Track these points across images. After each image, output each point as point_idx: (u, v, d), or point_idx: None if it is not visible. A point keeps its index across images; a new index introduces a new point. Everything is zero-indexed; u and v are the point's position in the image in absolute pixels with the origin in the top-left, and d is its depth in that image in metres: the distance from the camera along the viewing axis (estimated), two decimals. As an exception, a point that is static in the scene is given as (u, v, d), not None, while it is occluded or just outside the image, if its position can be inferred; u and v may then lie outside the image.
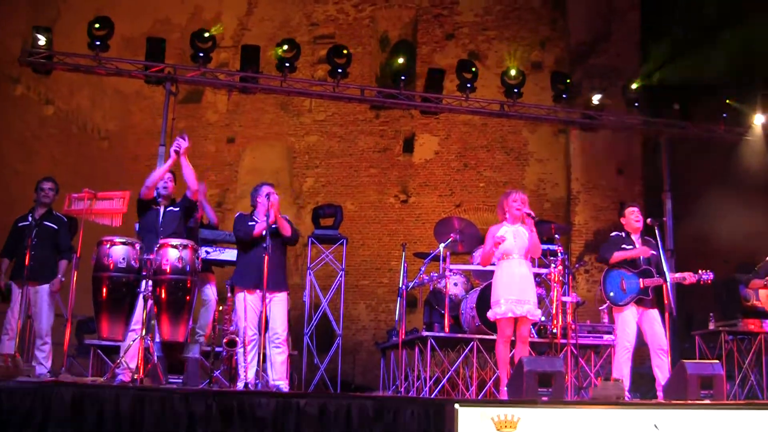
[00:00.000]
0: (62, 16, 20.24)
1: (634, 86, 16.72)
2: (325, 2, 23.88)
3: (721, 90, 17.11)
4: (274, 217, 10.11)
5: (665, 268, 10.58)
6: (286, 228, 10.33)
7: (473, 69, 16.14)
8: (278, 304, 10.21)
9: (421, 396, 12.26)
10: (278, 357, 10.13)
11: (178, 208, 10.38)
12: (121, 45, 16.49)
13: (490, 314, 10.28)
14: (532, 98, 17.54)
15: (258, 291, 9.96)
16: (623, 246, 10.97)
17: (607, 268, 10.87)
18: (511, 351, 10.36)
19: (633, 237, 10.98)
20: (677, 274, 10.84)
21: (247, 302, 10.11)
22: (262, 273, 9.87)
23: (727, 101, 16.86)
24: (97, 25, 14.69)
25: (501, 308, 10.03)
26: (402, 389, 13.45)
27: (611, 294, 10.78)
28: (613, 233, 11.32)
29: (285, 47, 15.48)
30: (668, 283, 10.52)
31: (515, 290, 10.06)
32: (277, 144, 23.23)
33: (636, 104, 16.58)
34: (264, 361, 10.20)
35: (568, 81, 16.44)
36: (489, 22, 23.12)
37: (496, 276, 10.32)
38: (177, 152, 10.24)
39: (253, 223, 10.37)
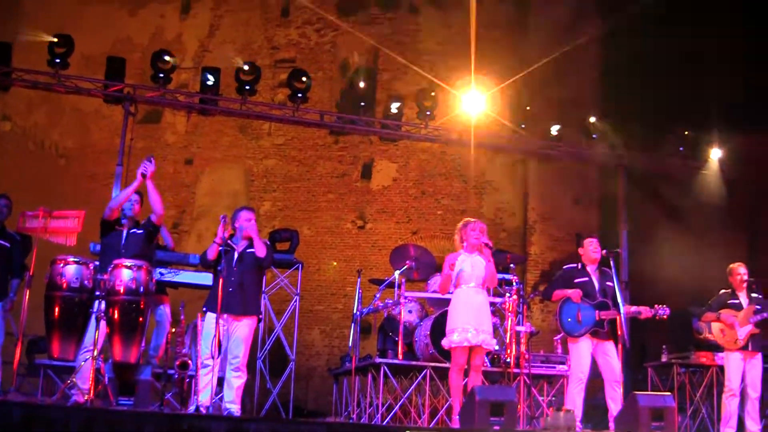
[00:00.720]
0: (21, 33, 20.10)
1: (592, 119, 16.80)
2: (287, 26, 23.88)
3: (679, 123, 17.25)
4: (252, 234, 10.12)
5: (620, 300, 10.64)
6: (260, 249, 10.28)
7: (433, 96, 16.18)
8: (244, 328, 10.14)
9: (373, 423, 12.23)
10: (235, 381, 10.07)
11: (141, 231, 10.34)
12: (81, 63, 16.42)
13: (445, 342, 10.28)
14: (492, 128, 17.61)
15: (225, 314, 9.92)
16: (575, 279, 10.99)
17: (564, 299, 10.88)
18: (464, 379, 10.37)
19: (589, 268, 11.01)
20: (633, 308, 10.87)
21: (211, 325, 10.05)
22: (228, 296, 9.85)
23: (684, 133, 17.00)
24: (57, 42, 14.62)
25: (456, 337, 10.03)
26: (354, 416, 13.41)
27: (567, 325, 10.80)
28: (567, 266, 11.35)
29: (246, 69, 15.48)
30: (622, 316, 10.55)
31: (472, 319, 10.06)
32: (235, 166, 23.16)
33: (594, 136, 16.66)
34: (219, 384, 10.17)
35: (526, 111, 16.52)
36: (450, 50, 23.18)
37: (452, 304, 10.33)
38: (144, 175, 10.23)
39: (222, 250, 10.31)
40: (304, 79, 15.71)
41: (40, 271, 9.79)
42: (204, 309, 10.28)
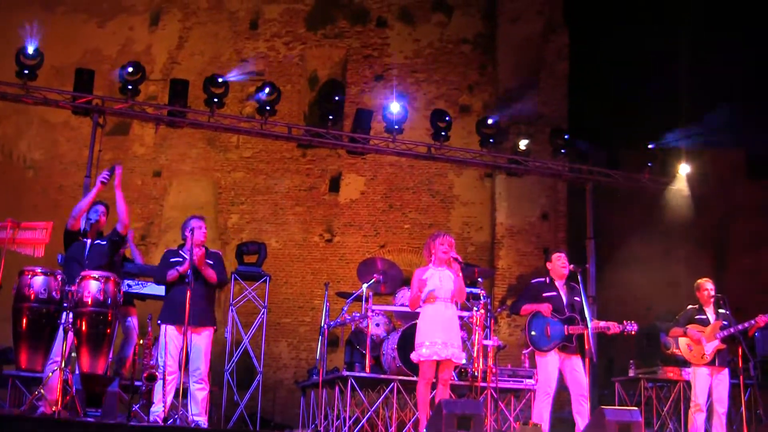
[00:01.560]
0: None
1: (561, 135, 16.87)
2: (256, 39, 23.94)
3: (647, 139, 17.35)
4: (198, 264, 10.07)
5: (587, 315, 10.66)
6: (210, 276, 10.28)
7: (401, 110, 16.21)
8: (202, 340, 10.13)
9: (340, 436, 12.24)
10: (198, 393, 10.06)
11: (105, 242, 10.33)
12: (50, 74, 16.40)
13: (413, 356, 10.28)
14: (459, 142, 17.71)
15: (181, 326, 9.91)
16: (543, 294, 11.01)
17: (533, 313, 10.91)
18: (431, 393, 10.38)
19: (557, 283, 11.02)
20: (601, 323, 10.87)
21: (169, 337, 10.05)
22: (182, 309, 9.84)
23: (652, 149, 17.08)
24: (26, 54, 14.56)
25: (425, 351, 10.04)
26: (322, 428, 13.40)
27: (535, 339, 10.82)
28: (534, 280, 11.36)
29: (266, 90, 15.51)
30: (590, 330, 10.58)
31: (440, 333, 10.06)
32: (203, 179, 23.16)
33: (562, 151, 16.73)
34: (184, 396, 10.15)
35: (494, 125, 16.57)
36: (418, 64, 23.31)
37: (421, 318, 10.32)
38: (103, 183, 10.23)
39: (176, 260, 10.29)
40: (272, 90, 15.70)
41: (7, 283, 9.75)
42: (158, 322, 10.28)
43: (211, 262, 10.33)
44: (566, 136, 16.90)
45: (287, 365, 21.49)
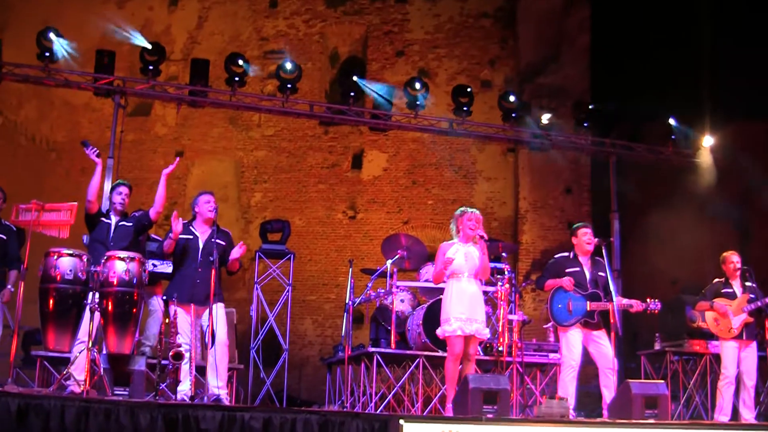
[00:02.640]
0: (10, 27, 20.08)
1: (583, 108, 16.77)
2: (276, 17, 23.87)
3: (670, 112, 17.22)
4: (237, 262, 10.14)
5: (612, 290, 10.61)
6: (234, 267, 10.34)
7: (423, 86, 16.15)
8: (218, 315, 10.09)
9: (366, 412, 12.25)
10: (220, 365, 10.05)
11: (131, 224, 10.37)
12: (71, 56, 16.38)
13: (439, 332, 10.28)
14: (481, 117, 17.65)
15: (191, 305, 9.94)
16: (566, 269, 10.95)
17: (555, 288, 10.87)
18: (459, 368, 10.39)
19: (581, 258, 10.96)
20: (624, 301, 10.79)
21: (179, 315, 10.05)
22: (199, 287, 9.89)
23: (676, 123, 16.93)
24: (46, 36, 14.58)
25: (451, 326, 10.04)
26: (348, 404, 13.43)
27: (557, 314, 10.79)
28: (558, 255, 11.31)
29: (239, 62, 15.45)
30: (615, 306, 10.53)
31: (465, 309, 10.06)
32: (225, 158, 23.17)
33: (585, 124, 16.63)
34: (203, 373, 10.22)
35: (517, 100, 16.49)
36: (439, 39, 23.21)
37: (446, 294, 10.32)
38: (98, 156, 10.37)
39: (185, 236, 10.26)
40: (293, 67, 15.67)
41: (34, 264, 9.79)
42: (163, 297, 10.31)
43: (224, 243, 10.31)
44: (590, 106, 16.82)
45: (312, 342, 21.52)
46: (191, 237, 10.24)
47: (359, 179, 22.61)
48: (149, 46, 15.31)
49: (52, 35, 14.64)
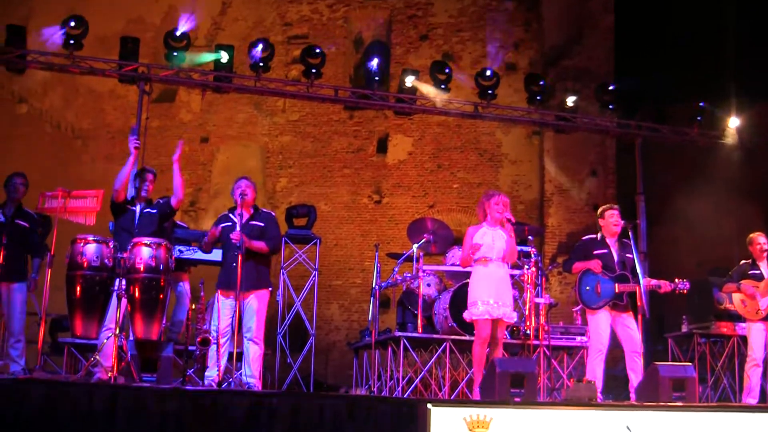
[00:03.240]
0: (35, 15, 20.14)
1: (608, 88, 16.67)
2: (299, 2, 23.83)
3: (696, 93, 17.10)
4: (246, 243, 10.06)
5: (639, 272, 10.58)
6: (260, 248, 10.26)
7: (447, 70, 16.11)
8: (253, 302, 10.12)
9: (393, 396, 12.27)
10: (250, 353, 10.08)
11: (156, 210, 10.40)
12: (95, 44, 16.39)
13: (466, 315, 10.29)
14: (506, 100, 17.58)
15: (231, 291, 9.96)
16: (594, 251, 10.91)
17: (583, 271, 10.83)
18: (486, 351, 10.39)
19: (608, 240, 10.92)
20: (653, 281, 10.76)
21: (221, 302, 10.11)
22: (234, 273, 9.88)
23: (701, 104, 16.80)
24: (71, 24, 14.61)
25: (478, 309, 10.05)
26: (375, 389, 13.45)
27: (585, 296, 10.75)
28: (585, 237, 11.28)
29: (259, 47, 15.43)
30: (642, 288, 10.50)
31: (492, 292, 10.07)
32: (250, 144, 23.17)
33: (610, 106, 16.54)
34: (239, 360, 10.24)
35: (542, 83, 16.42)
36: (463, 23, 23.13)
37: (473, 278, 10.33)
38: (137, 148, 10.39)
39: (226, 224, 10.30)
40: (318, 53, 15.66)
41: (60, 251, 9.83)
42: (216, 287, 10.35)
43: (262, 224, 10.32)
44: (611, 87, 16.71)
45: (339, 327, 21.54)
46: (230, 224, 10.27)
47: (384, 163, 22.58)
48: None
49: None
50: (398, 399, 10.07)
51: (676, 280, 10.77)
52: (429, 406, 7.49)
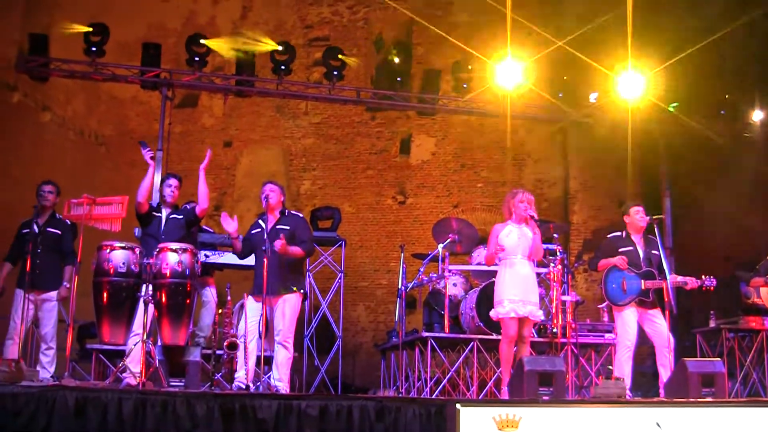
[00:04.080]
0: (57, 23, 20.20)
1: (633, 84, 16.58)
2: (319, 4, 23.84)
3: (720, 87, 17.00)
4: (281, 250, 10.04)
5: (666, 268, 10.54)
6: (295, 253, 10.24)
7: (469, 69, 16.08)
8: (282, 305, 10.12)
9: (422, 396, 12.26)
10: (279, 356, 10.09)
11: (181, 216, 10.43)
12: (116, 50, 16.47)
13: (493, 314, 10.29)
14: (529, 97, 17.54)
15: (259, 295, 9.98)
16: (619, 248, 10.89)
17: (609, 268, 10.81)
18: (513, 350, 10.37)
19: (634, 237, 10.90)
20: (679, 278, 10.74)
21: (249, 306, 10.13)
22: (260, 277, 9.91)
23: (725, 95, 16.71)
24: (92, 31, 14.67)
25: (504, 308, 10.04)
26: (403, 390, 13.45)
27: (612, 293, 10.73)
28: (611, 234, 11.26)
29: (280, 50, 15.47)
30: (669, 283, 10.47)
31: (519, 290, 10.07)
32: (273, 147, 23.21)
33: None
34: (266, 364, 10.25)
35: (564, 79, 16.37)
36: (483, 22, 23.08)
37: (499, 276, 10.32)
38: (153, 158, 10.45)
39: (255, 230, 10.32)
40: (339, 55, 15.67)
41: (86, 258, 9.86)
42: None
43: (288, 227, 10.29)
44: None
45: (366, 329, 21.55)
46: (259, 230, 10.31)
47: (408, 164, 22.57)
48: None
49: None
50: (427, 399, 10.05)
51: (703, 276, 10.74)
52: (458, 406, 7.46)
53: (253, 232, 10.36)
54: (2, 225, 11.75)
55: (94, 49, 14.68)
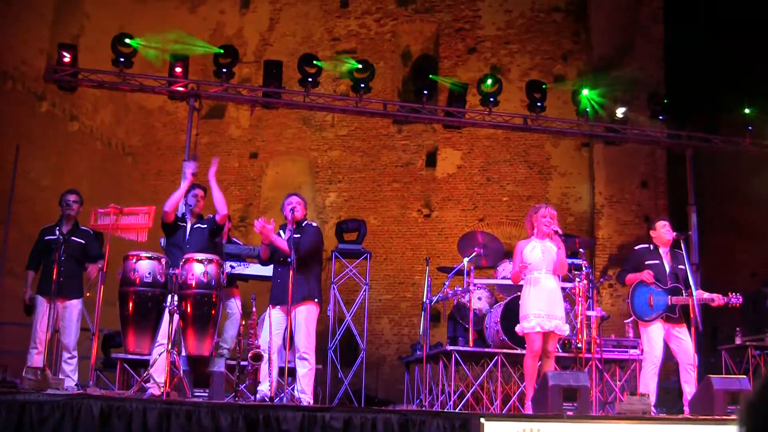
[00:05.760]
0: (85, 33, 20.37)
1: (658, 100, 16.54)
2: (347, 17, 23.93)
3: (747, 101, 16.92)
4: (268, 240, 10.10)
5: (692, 283, 10.50)
6: (281, 247, 10.20)
7: (496, 83, 16.08)
8: (299, 316, 10.12)
9: (445, 410, 12.23)
10: (299, 369, 10.09)
11: (206, 226, 10.45)
12: (144, 61, 16.54)
13: (518, 328, 10.26)
14: (555, 112, 17.52)
15: (278, 306, 10.00)
16: (646, 261, 10.86)
17: (636, 283, 10.78)
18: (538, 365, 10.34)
19: (661, 251, 10.87)
20: (705, 295, 10.69)
21: (270, 317, 10.15)
22: (280, 288, 9.95)
23: (750, 112, 16.61)
24: (120, 42, 14.75)
25: (530, 323, 10.01)
26: (426, 403, 13.42)
27: (638, 308, 10.70)
28: (638, 246, 11.23)
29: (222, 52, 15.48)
30: (695, 299, 10.42)
31: (544, 305, 10.03)
32: (299, 159, 23.28)
33: (660, 117, 16.41)
34: (290, 375, 10.26)
35: (591, 94, 16.34)
36: (511, 35, 23.11)
37: (524, 291, 10.29)
38: (194, 175, 10.48)
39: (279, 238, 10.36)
40: (366, 67, 15.69)
41: (112, 267, 9.91)
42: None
43: (298, 236, 10.28)
44: (665, 101, 16.59)
45: (389, 341, 21.54)
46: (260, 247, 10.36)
47: (433, 177, 22.59)
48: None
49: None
50: (451, 413, 10.01)
51: (729, 294, 10.69)
52: (482, 420, 7.46)
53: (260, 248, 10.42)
54: (32, 234, 11.78)
55: (122, 59, 14.72)
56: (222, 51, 15.46)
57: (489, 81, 15.99)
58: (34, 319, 11.01)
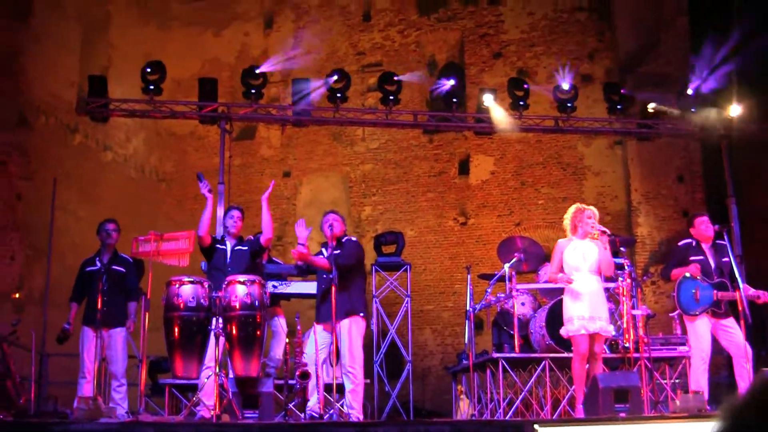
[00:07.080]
0: (113, 64, 20.48)
1: (689, 92, 16.40)
2: (370, 30, 23.92)
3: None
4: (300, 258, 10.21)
5: (738, 276, 10.42)
6: (321, 265, 10.26)
7: (524, 86, 16.03)
8: (342, 330, 10.12)
9: (496, 418, 12.18)
10: (347, 384, 10.09)
11: (247, 247, 10.47)
12: (173, 87, 16.63)
13: (563, 331, 10.20)
14: (585, 111, 17.46)
15: (323, 323, 10.03)
16: (690, 257, 10.79)
17: (682, 277, 10.70)
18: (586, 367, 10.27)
19: (703, 246, 10.79)
20: (752, 291, 10.59)
21: (315, 334, 10.18)
22: (321, 304, 10.09)
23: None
24: (149, 70, 14.82)
25: (574, 325, 9.94)
26: (476, 412, 13.37)
27: (684, 303, 10.62)
28: (681, 242, 11.15)
29: (335, 78, 15.50)
30: (742, 292, 10.33)
31: (586, 307, 9.96)
32: (332, 175, 23.28)
33: (693, 109, 16.27)
34: (339, 391, 10.27)
35: (623, 91, 16.26)
36: (535, 38, 23.03)
37: (567, 293, 10.23)
38: (210, 191, 10.51)
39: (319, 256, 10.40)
40: (394, 79, 15.69)
41: (156, 294, 9.93)
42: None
43: (338, 252, 10.28)
44: (691, 90, 16.44)
45: (433, 352, 21.48)
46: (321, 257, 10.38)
47: (467, 184, 22.52)
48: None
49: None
50: (503, 421, 9.98)
51: (775, 290, 10.61)
52: (536, 426, 7.41)
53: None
54: (71, 264, 11.85)
55: (152, 87, 14.79)
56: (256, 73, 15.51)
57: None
58: (80, 350, 11.10)
